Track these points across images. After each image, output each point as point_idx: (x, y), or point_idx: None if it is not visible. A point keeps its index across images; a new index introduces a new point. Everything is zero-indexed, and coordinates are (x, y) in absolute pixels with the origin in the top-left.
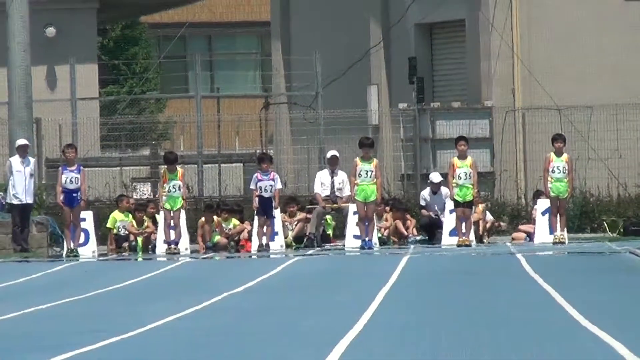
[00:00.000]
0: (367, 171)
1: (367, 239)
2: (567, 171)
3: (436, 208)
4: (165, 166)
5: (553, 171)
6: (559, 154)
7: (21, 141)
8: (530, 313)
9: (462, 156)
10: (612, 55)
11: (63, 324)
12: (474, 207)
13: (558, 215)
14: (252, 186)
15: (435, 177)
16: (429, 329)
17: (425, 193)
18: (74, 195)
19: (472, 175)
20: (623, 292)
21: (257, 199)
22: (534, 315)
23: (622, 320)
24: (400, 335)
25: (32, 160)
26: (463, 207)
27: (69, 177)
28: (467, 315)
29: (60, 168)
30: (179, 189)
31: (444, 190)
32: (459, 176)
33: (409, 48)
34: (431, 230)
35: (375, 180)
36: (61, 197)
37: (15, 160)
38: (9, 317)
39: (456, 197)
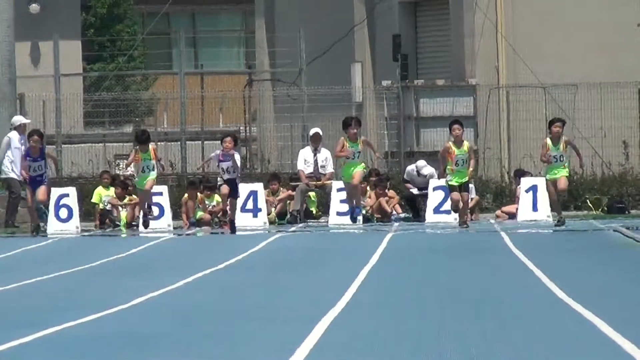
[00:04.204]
0: (355, 152)
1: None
2: (564, 158)
3: (419, 186)
4: (137, 146)
5: (549, 161)
6: (555, 140)
7: (21, 119)
8: (513, 290)
9: (458, 141)
10: (597, 33)
11: (45, 300)
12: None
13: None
14: (215, 162)
15: (426, 169)
16: (412, 306)
17: (411, 170)
18: (38, 179)
19: (469, 160)
20: (606, 270)
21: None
22: (516, 292)
23: (605, 297)
24: (383, 312)
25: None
26: (461, 191)
27: (32, 166)
28: (450, 292)
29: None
30: (153, 169)
31: (428, 170)
32: (456, 163)
33: (393, 25)
34: (414, 204)
35: (362, 162)
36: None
37: (15, 136)
38: None
39: (452, 183)
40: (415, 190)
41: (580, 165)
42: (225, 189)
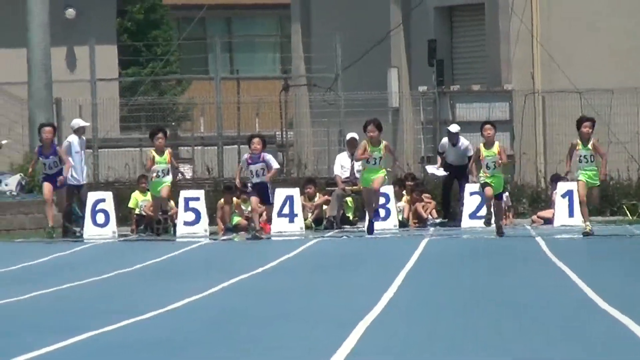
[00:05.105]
0: (376, 158)
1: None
2: (594, 159)
3: (453, 159)
4: (153, 150)
5: (580, 161)
6: (585, 141)
7: (80, 122)
8: (550, 295)
9: (489, 143)
10: (632, 38)
11: (82, 305)
12: (504, 195)
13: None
14: (240, 168)
15: (453, 127)
16: (447, 310)
17: (445, 142)
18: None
19: (500, 163)
20: None
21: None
22: (553, 297)
23: None
24: (419, 316)
25: (84, 140)
26: (494, 196)
27: (47, 163)
28: (485, 296)
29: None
30: (167, 174)
31: (463, 142)
32: (487, 166)
33: (429, 31)
34: (447, 198)
35: (382, 167)
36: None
37: (75, 140)
38: (28, 298)
39: (486, 180)
40: (439, 171)
41: (602, 173)
42: (254, 201)
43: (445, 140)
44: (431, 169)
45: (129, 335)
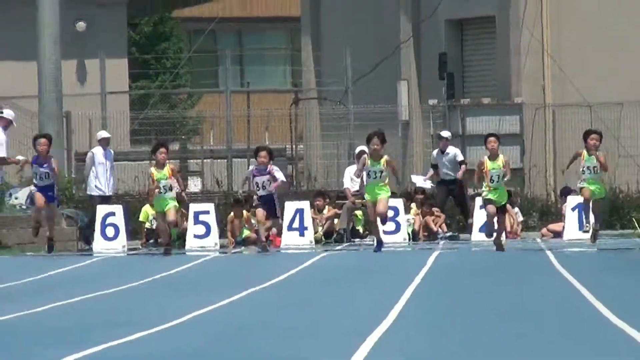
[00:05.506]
0: (376, 172)
1: (376, 242)
2: (598, 171)
3: (445, 170)
4: (154, 166)
5: (583, 172)
6: (590, 152)
7: (104, 133)
8: (559, 309)
9: (493, 155)
10: None
11: (90, 318)
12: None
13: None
14: (245, 180)
15: (444, 132)
16: (458, 323)
17: (435, 152)
18: (49, 193)
19: (505, 175)
20: None
21: (254, 196)
22: (562, 311)
23: None
24: (430, 329)
25: (111, 152)
26: (497, 211)
27: (38, 173)
28: (496, 310)
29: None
30: (170, 190)
31: (451, 150)
32: (491, 179)
33: (439, 44)
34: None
35: (385, 181)
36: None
37: (99, 151)
38: (37, 311)
39: (490, 197)
40: (425, 183)
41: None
42: (260, 213)
43: (435, 151)
44: (416, 178)
45: (136, 348)
